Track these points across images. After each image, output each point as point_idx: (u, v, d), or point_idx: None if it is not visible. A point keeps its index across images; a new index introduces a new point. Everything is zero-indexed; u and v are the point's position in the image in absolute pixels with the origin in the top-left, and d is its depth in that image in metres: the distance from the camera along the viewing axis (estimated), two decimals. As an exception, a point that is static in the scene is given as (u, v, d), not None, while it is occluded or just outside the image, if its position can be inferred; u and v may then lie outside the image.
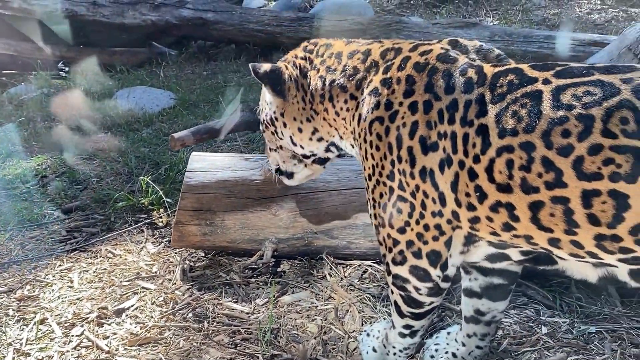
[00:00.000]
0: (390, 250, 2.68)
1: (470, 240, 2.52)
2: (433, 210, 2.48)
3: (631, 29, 5.32)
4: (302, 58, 3.04)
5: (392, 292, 2.79)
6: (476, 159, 2.29)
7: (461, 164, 2.34)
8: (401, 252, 2.63)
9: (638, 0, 9.39)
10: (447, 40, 2.67)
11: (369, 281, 3.73)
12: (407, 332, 2.86)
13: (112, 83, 8.20)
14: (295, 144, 3.11)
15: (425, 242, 2.55)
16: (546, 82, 2.23)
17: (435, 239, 2.54)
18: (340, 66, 2.85)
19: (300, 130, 3.05)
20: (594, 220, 2.12)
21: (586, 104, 2.11)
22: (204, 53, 9.67)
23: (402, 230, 2.59)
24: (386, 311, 3.43)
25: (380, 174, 2.63)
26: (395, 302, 2.80)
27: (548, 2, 9.81)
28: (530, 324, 3.29)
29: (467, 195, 2.35)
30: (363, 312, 3.46)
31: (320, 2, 10.22)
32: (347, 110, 2.82)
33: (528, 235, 2.30)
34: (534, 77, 2.27)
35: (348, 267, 3.85)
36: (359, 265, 3.85)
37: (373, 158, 2.67)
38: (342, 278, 3.74)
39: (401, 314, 2.81)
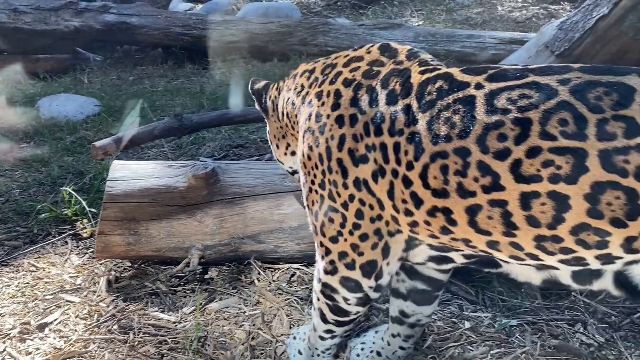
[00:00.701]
0: (322, 258, 2.68)
1: (410, 244, 2.52)
2: (372, 216, 2.48)
3: (548, 26, 5.45)
4: (284, 80, 3.13)
5: (318, 299, 2.78)
6: (409, 166, 2.29)
7: (394, 173, 2.35)
8: (332, 262, 2.63)
9: (557, -3, 9.65)
10: (378, 45, 2.69)
11: (297, 284, 3.73)
12: (327, 336, 2.88)
13: (34, 91, 8.01)
14: (278, 160, 3.24)
15: (361, 254, 2.54)
16: (479, 86, 2.22)
17: (374, 246, 2.53)
18: (294, 84, 2.91)
19: (278, 146, 3.17)
20: (533, 221, 2.13)
21: (522, 107, 2.11)
22: (129, 58, 9.53)
23: (334, 240, 2.59)
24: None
25: (313, 182, 2.64)
26: (320, 309, 2.80)
27: (471, 2, 10.00)
28: (454, 320, 3.34)
29: (404, 202, 2.35)
30: (291, 315, 3.46)
31: (247, 4, 10.19)
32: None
33: (466, 239, 2.31)
34: (466, 82, 2.26)
35: (276, 271, 3.85)
36: (287, 269, 3.85)
37: (305, 167, 2.68)
38: (270, 282, 3.73)
39: (325, 321, 2.81)
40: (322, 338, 2.89)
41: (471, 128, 2.16)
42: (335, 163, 2.50)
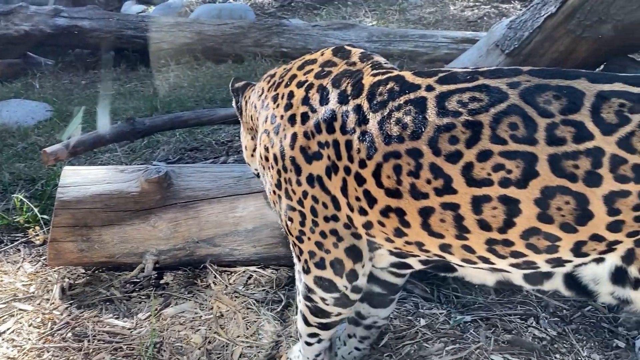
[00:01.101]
0: (298, 259, 2.68)
1: (372, 247, 2.53)
2: (326, 215, 2.48)
3: (498, 25, 5.52)
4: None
5: (300, 302, 2.77)
6: (362, 164, 2.30)
7: (347, 170, 2.36)
8: (305, 261, 2.63)
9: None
10: (332, 48, 2.70)
11: (254, 287, 3.73)
12: (313, 340, 2.85)
13: (-17, 97, 7.85)
14: (247, 161, 3.23)
15: (327, 251, 2.54)
16: (429, 88, 2.23)
17: (335, 245, 2.53)
18: (258, 88, 2.92)
19: (246, 147, 3.16)
20: (484, 225, 2.14)
21: (473, 110, 2.11)
22: (81, 62, 9.40)
23: (300, 239, 2.60)
24: (271, 315, 3.43)
25: (271, 183, 2.65)
26: (302, 312, 2.79)
27: (424, 1, 10.09)
28: (410, 317, 3.37)
29: (358, 199, 2.36)
30: (248, 317, 3.45)
31: (200, 6, 10.13)
32: None
33: (420, 242, 2.32)
34: (417, 84, 2.27)
35: (232, 274, 3.84)
36: (244, 272, 3.84)
37: (264, 168, 2.70)
38: (226, 286, 3.72)
39: (307, 324, 2.79)
40: (308, 344, 2.87)
41: (423, 130, 2.17)
42: (289, 161, 2.51)
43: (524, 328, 3.26)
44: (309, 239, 2.56)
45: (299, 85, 2.60)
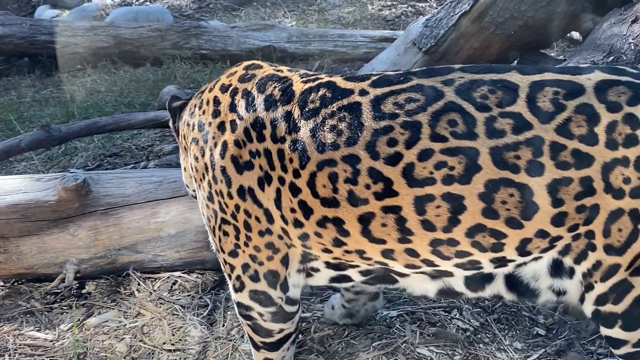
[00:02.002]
0: (230, 277, 2.63)
1: (306, 258, 2.50)
2: (260, 230, 2.44)
3: (414, 24, 5.62)
4: None
5: (243, 325, 2.74)
6: (296, 174, 2.27)
7: (281, 180, 2.32)
8: (238, 277, 2.58)
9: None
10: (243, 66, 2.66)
11: (179, 292, 3.69)
12: None
13: None
14: (185, 184, 3.06)
15: (261, 263, 2.51)
16: (363, 93, 2.23)
17: (269, 258, 2.49)
18: (189, 105, 2.81)
19: (184, 168, 2.96)
20: (428, 225, 2.14)
21: (410, 110, 2.12)
22: (-7, 69, 9.11)
23: (234, 254, 2.54)
24: (197, 320, 3.41)
25: (204, 197, 2.58)
26: (248, 335, 2.76)
27: (342, 1, 10.14)
28: (336, 316, 3.39)
29: (293, 211, 2.33)
30: (173, 323, 3.42)
31: (116, 9, 9.95)
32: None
33: (360, 250, 2.31)
34: (349, 89, 2.26)
35: (157, 280, 3.79)
36: (168, 278, 3.80)
37: (195, 180, 2.63)
38: (151, 292, 3.67)
39: (256, 346, 2.76)
40: None
41: (359, 135, 2.16)
42: (219, 172, 2.45)
43: (448, 320, 3.32)
44: (243, 252, 2.51)
45: (223, 89, 2.55)
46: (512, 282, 2.32)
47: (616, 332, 2.26)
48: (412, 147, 2.10)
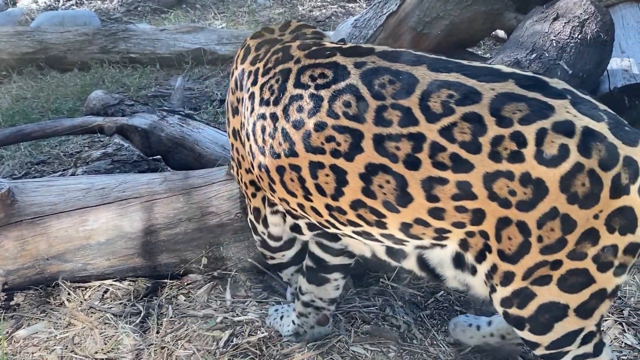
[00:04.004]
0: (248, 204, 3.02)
1: (271, 203, 2.80)
2: (246, 167, 2.74)
3: (343, 24, 5.69)
4: None
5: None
6: (242, 125, 2.63)
7: (241, 125, 2.64)
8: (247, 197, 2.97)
9: (353, -4, 10.00)
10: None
11: (111, 300, 3.63)
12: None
13: None
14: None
15: (254, 195, 2.86)
16: (297, 61, 2.44)
17: (253, 195, 2.84)
18: None
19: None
20: (320, 190, 2.34)
21: (319, 85, 2.30)
22: None
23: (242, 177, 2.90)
24: (130, 328, 3.36)
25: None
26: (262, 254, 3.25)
27: (273, 3, 10.14)
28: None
29: (248, 154, 2.65)
30: (105, 332, 3.36)
31: (42, 14, 9.72)
32: None
33: (283, 199, 2.54)
34: (292, 55, 2.49)
35: (87, 289, 3.72)
36: (99, 286, 3.73)
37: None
38: (81, 302, 3.61)
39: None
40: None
41: (281, 97, 2.39)
42: (228, 113, 2.86)
43: (381, 318, 3.36)
44: (244, 184, 2.88)
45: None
46: (422, 263, 2.44)
47: (527, 335, 2.31)
48: (311, 117, 2.29)
